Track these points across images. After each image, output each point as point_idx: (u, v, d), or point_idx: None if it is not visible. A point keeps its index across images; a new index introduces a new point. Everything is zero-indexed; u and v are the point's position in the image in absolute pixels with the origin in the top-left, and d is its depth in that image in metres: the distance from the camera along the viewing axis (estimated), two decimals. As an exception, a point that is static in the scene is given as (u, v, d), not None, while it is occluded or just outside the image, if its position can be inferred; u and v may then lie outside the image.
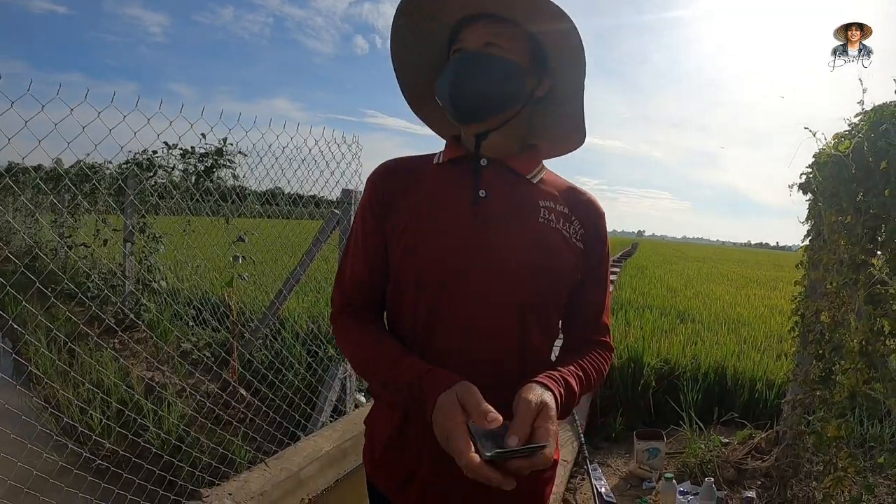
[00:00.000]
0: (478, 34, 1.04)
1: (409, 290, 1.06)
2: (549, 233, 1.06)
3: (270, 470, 2.99)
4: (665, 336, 5.21)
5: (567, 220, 1.09)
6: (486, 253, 1.02)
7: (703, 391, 4.08)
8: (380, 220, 1.10)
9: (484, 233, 1.03)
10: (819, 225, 2.89)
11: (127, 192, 5.09)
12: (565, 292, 1.09)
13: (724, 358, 4.49)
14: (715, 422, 3.63)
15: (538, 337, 1.07)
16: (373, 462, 1.16)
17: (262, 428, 3.35)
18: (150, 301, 5.22)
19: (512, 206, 1.06)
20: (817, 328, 2.80)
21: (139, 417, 3.12)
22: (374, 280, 1.13)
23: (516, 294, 1.02)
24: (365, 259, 1.12)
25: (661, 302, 7.70)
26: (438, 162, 1.14)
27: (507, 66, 1.03)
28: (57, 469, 2.69)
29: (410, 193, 1.09)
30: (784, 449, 2.87)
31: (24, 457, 2.51)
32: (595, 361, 1.11)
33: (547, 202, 1.09)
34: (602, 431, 3.95)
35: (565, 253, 1.07)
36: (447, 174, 1.11)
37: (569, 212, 1.11)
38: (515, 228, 1.04)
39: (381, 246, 1.10)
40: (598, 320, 1.17)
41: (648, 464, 3.15)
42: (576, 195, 1.14)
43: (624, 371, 4.37)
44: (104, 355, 4.02)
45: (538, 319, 1.06)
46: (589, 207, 1.14)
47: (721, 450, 3.17)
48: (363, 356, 1.07)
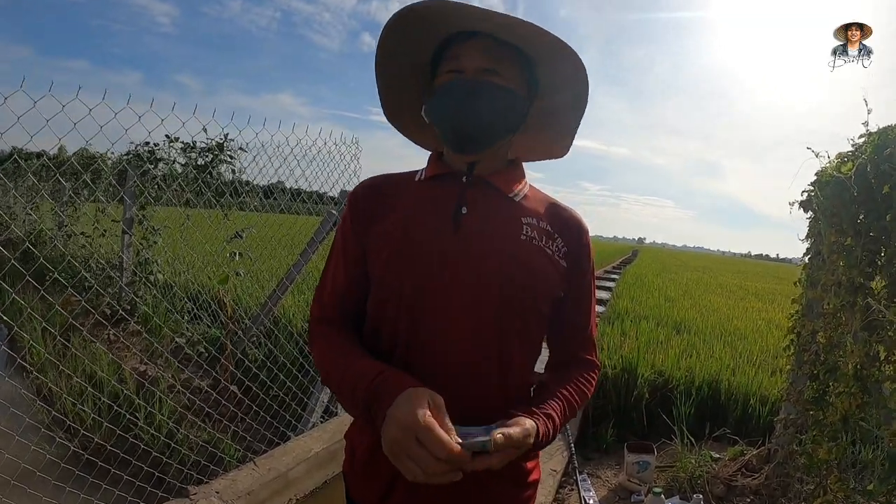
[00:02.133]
0: (476, 57, 1.02)
1: (389, 306, 1.05)
2: (531, 250, 1.05)
3: (259, 469, 2.98)
4: (660, 347, 5.19)
5: (550, 238, 1.08)
6: (467, 270, 1.01)
7: (696, 405, 4.06)
8: (360, 235, 1.09)
9: (465, 249, 1.02)
10: (818, 244, 2.87)
11: (126, 182, 5.09)
12: (547, 309, 1.09)
13: (719, 371, 4.47)
14: (707, 436, 3.61)
15: (519, 353, 1.07)
16: (352, 476, 1.15)
17: (253, 427, 3.34)
18: (145, 294, 5.21)
19: (494, 224, 1.05)
20: (813, 348, 2.79)
21: (129, 413, 3.11)
22: (353, 293, 1.12)
23: (497, 311, 1.01)
24: (345, 273, 1.12)
25: (657, 312, 7.67)
26: (421, 179, 1.13)
27: (510, 98, 1.02)
28: (45, 462, 2.68)
29: (392, 210, 1.08)
30: (775, 467, 2.86)
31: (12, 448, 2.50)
32: (580, 386, 1.12)
33: (530, 219, 1.08)
34: (593, 442, 3.93)
35: (548, 270, 1.06)
36: (430, 191, 1.10)
37: (552, 229, 1.10)
38: (497, 245, 1.03)
39: (362, 260, 1.09)
40: (584, 336, 1.18)
41: (638, 477, 3.14)
42: (559, 212, 1.13)
43: (618, 382, 4.35)
44: (97, 348, 4.01)
45: (519, 336, 1.05)
46: (572, 224, 1.13)
47: (712, 465, 3.16)
48: (329, 365, 1.05)
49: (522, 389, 1.09)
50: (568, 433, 3.64)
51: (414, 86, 1.15)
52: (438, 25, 1.03)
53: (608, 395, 4.34)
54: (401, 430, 0.80)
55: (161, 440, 3.05)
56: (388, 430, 0.82)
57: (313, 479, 3.12)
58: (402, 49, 1.09)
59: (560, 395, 1.05)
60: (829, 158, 2.74)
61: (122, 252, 5.56)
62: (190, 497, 2.65)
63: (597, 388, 4.07)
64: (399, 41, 1.07)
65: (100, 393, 3.43)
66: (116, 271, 5.66)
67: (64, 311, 3.62)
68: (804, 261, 3.04)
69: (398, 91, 1.17)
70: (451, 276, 1.01)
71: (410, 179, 1.14)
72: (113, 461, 2.77)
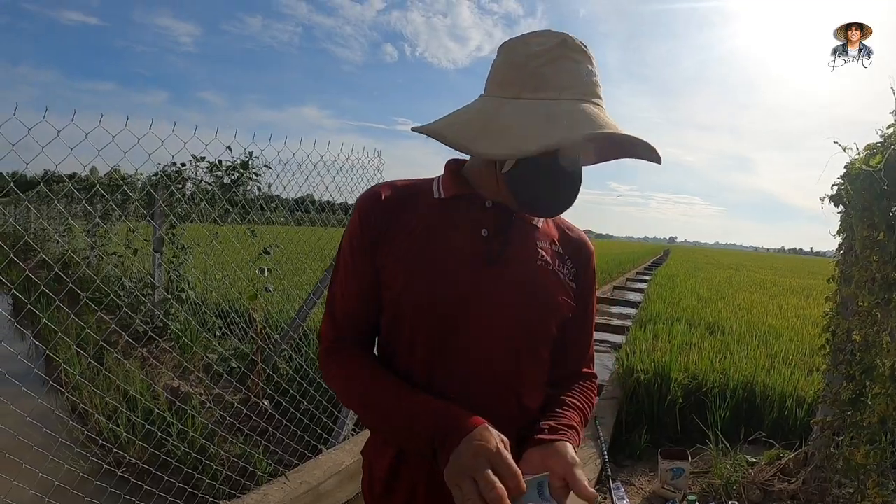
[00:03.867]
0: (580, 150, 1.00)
1: (405, 327, 1.03)
2: (546, 275, 1.06)
3: (290, 483, 2.99)
4: (694, 350, 5.11)
5: (561, 260, 1.10)
6: (486, 296, 1.00)
7: (730, 408, 3.98)
8: (370, 252, 1.05)
9: (485, 274, 1.01)
10: (851, 239, 2.80)
11: (154, 203, 5.19)
12: (557, 330, 1.08)
13: (754, 373, 4.37)
14: (742, 440, 3.53)
15: (532, 373, 1.07)
16: (370, 496, 1.13)
17: (283, 441, 3.36)
18: (177, 312, 5.29)
19: (513, 248, 1.04)
20: (848, 347, 2.71)
21: (160, 431, 3.14)
22: (366, 313, 1.10)
23: (514, 336, 1.02)
24: (358, 291, 1.08)
25: (690, 313, 7.55)
26: (440, 196, 1.09)
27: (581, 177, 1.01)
28: (79, 479, 2.72)
29: (406, 226, 1.05)
30: (812, 471, 2.78)
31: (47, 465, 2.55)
32: (587, 396, 1.14)
33: (544, 243, 1.09)
34: (627, 448, 3.87)
35: (560, 293, 1.07)
36: (449, 211, 1.07)
37: (562, 251, 1.12)
38: (516, 271, 1.03)
39: (374, 278, 1.06)
40: (586, 354, 1.20)
41: (672, 484, 3.08)
42: (568, 235, 1.16)
43: (650, 387, 4.29)
44: (129, 365, 4.08)
45: (533, 358, 1.06)
46: (580, 247, 1.15)
47: (747, 470, 3.08)
48: (358, 389, 1.03)
49: (535, 409, 1.09)
50: (601, 440, 3.59)
51: None
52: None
53: (641, 401, 4.28)
54: (476, 455, 0.80)
55: (193, 456, 3.08)
56: (462, 455, 0.81)
57: (345, 492, 3.14)
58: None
59: (574, 405, 1.07)
60: (858, 150, 2.67)
61: (154, 270, 5.66)
62: (221, 513, 2.69)
63: (630, 392, 3.99)
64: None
65: (133, 410, 3.50)
66: (148, 289, 5.77)
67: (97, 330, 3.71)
68: (837, 256, 2.97)
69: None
70: (470, 302, 1.00)
71: (426, 193, 1.10)
72: (146, 477, 2.81)
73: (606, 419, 4.12)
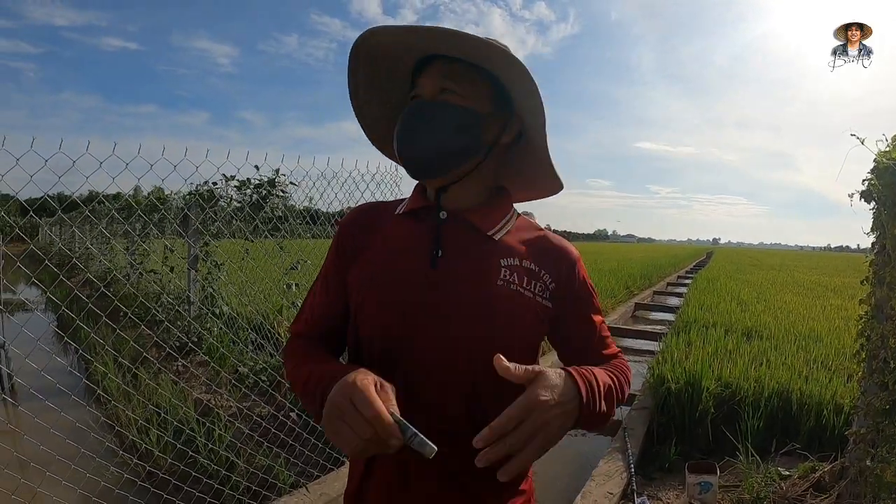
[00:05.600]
0: (433, 79, 0.97)
1: (363, 350, 1.02)
2: (507, 297, 0.97)
3: (310, 494, 3.03)
4: (728, 356, 4.95)
5: (533, 277, 1.01)
6: (435, 321, 0.95)
7: (764, 418, 3.84)
8: (342, 269, 1.06)
9: (434, 299, 0.96)
10: (883, 238, 2.68)
11: (189, 222, 5.31)
12: (525, 356, 0.96)
13: (790, 379, 4.21)
14: (775, 452, 3.41)
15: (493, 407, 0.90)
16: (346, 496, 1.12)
17: (305, 454, 3.39)
18: (212, 326, 5.39)
19: (468, 269, 0.98)
20: (882, 354, 2.59)
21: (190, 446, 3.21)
22: (332, 319, 1.10)
23: (466, 368, 0.95)
24: (327, 300, 1.10)
25: (727, 318, 7.36)
26: (400, 212, 1.07)
27: (459, 115, 0.95)
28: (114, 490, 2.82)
29: (370, 245, 1.04)
30: (847, 485, 2.65)
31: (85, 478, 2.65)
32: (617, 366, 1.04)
33: (510, 260, 1.00)
34: (657, 461, 3.76)
35: (526, 316, 0.98)
36: (406, 227, 1.04)
37: (536, 267, 1.02)
38: (470, 295, 0.96)
39: (343, 292, 1.06)
40: (598, 338, 1.09)
41: (700, 498, 2.98)
42: (545, 245, 1.06)
43: (681, 396, 4.17)
44: (163, 379, 4.17)
45: (493, 391, 0.93)
46: (559, 256, 1.06)
47: (779, 484, 2.95)
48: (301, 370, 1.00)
49: None
50: (629, 453, 3.53)
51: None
52: (392, 60, 1.02)
53: (672, 411, 4.17)
54: (339, 394, 0.79)
55: (217, 469, 3.12)
56: (330, 399, 0.80)
57: (364, 505, 3.14)
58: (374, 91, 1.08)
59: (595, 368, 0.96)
60: (888, 142, 2.57)
61: (189, 287, 5.79)
62: (240, 521, 2.73)
63: (661, 403, 3.90)
64: (368, 84, 1.07)
65: (164, 424, 3.59)
66: (184, 305, 5.90)
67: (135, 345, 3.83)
68: (870, 256, 2.85)
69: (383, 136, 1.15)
70: (418, 328, 0.96)
71: (392, 210, 1.09)
72: (175, 490, 2.88)
73: (636, 430, 4.04)
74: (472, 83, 0.97)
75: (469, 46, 0.93)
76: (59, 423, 2.71)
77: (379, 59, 1.02)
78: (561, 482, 3.88)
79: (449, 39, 0.93)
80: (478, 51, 0.93)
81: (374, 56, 1.02)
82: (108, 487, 2.83)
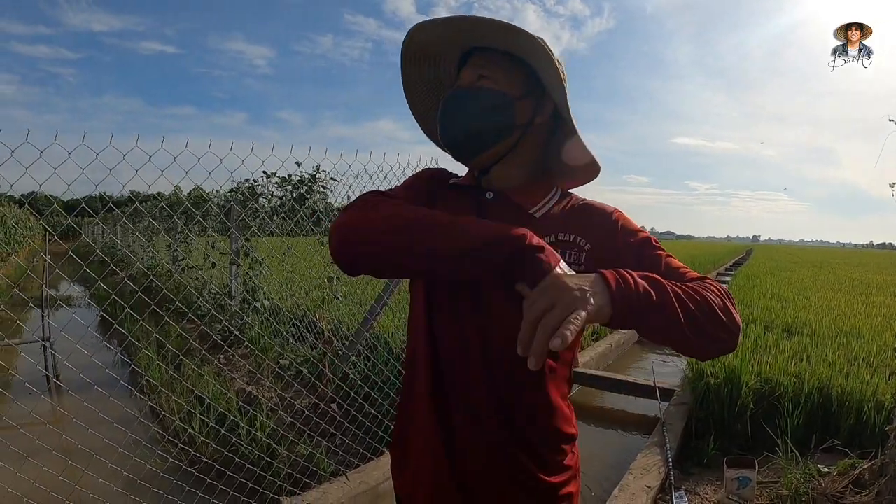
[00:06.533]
0: (471, 69, 1.06)
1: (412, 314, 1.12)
2: None
3: (350, 483, 3.10)
4: (769, 353, 4.92)
5: (567, 247, 1.03)
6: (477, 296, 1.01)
7: (804, 414, 3.81)
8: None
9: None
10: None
11: (231, 218, 5.45)
12: None
13: (831, 376, 4.17)
14: (814, 448, 3.39)
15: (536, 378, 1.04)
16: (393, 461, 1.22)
17: (346, 443, 3.48)
18: (254, 320, 5.52)
19: None
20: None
21: (233, 431, 3.32)
22: None
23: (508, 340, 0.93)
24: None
25: (767, 315, 7.27)
26: (454, 182, 1.15)
27: (490, 98, 1.02)
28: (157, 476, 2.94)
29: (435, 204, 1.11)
30: (887, 482, 2.63)
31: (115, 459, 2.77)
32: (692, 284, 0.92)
33: (549, 238, 1.02)
34: (695, 456, 3.77)
35: None
36: (454, 202, 1.10)
37: (571, 236, 1.04)
38: None
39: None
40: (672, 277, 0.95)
41: (738, 494, 2.99)
42: (582, 211, 1.08)
43: (720, 391, 4.16)
44: (205, 371, 4.31)
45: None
46: (594, 217, 1.07)
47: (818, 481, 2.94)
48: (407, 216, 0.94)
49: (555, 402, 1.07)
50: (667, 447, 3.54)
51: None
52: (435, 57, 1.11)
53: (711, 406, 4.16)
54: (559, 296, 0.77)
55: (259, 456, 3.22)
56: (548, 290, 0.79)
57: (404, 494, 3.21)
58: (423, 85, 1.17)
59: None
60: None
61: (231, 281, 5.94)
62: (281, 507, 2.82)
63: (700, 398, 3.89)
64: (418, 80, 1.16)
65: (208, 413, 3.73)
66: (227, 299, 6.06)
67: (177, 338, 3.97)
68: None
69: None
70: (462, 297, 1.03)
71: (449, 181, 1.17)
72: (218, 476, 2.99)
73: (675, 425, 4.05)
74: (504, 69, 1.04)
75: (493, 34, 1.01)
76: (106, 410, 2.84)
77: (424, 57, 1.11)
78: (599, 475, 3.92)
79: (475, 28, 1.01)
80: (502, 36, 1.01)
81: (420, 55, 1.11)
82: (154, 472, 2.97)
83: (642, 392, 5.23)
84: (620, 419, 5.23)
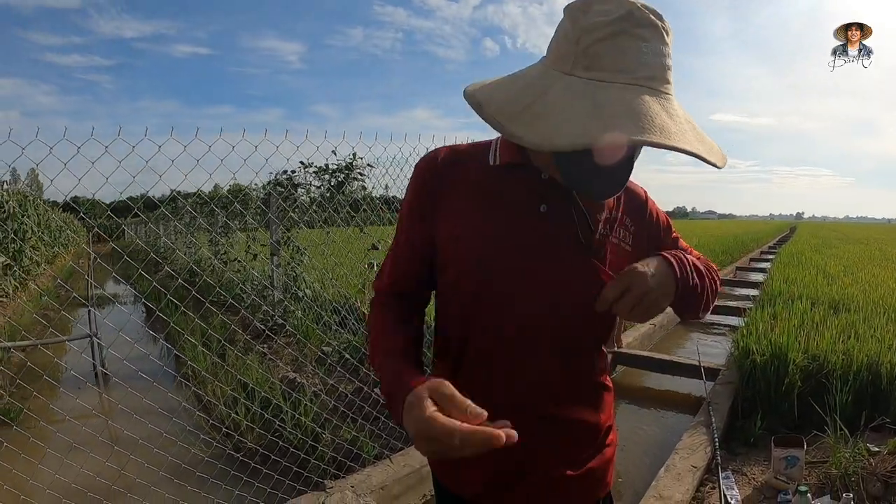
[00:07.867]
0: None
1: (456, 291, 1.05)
2: (603, 247, 1.02)
3: (394, 465, 3.14)
4: (815, 329, 4.81)
5: (619, 224, 1.05)
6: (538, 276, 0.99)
7: (853, 391, 3.72)
8: (426, 217, 1.05)
9: (540, 253, 0.99)
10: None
11: (271, 209, 5.53)
12: None
13: (880, 353, 4.05)
14: (863, 427, 3.30)
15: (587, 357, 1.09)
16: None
17: (389, 426, 3.54)
18: (296, 308, 5.61)
19: (571, 225, 1.00)
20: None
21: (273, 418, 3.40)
22: (415, 273, 1.11)
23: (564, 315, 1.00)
24: (410, 254, 1.10)
25: (813, 291, 7.09)
26: (496, 164, 1.04)
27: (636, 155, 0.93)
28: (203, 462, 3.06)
29: (460, 192, 1.03)
30: (941, 460, 2.57)
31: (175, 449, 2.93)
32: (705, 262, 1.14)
33: (602, 213, 1.03)
34: (741, 436, 3.71)
35: (616, 263, 1.02)
36: (504, 180, 1.02)
37: (620, 213, 1.06)
38: (572, 251, 0.99)
39: (426, 240, 1.06)
40: None
41: (786, 473, 2.94)
42: (626, 191, 1.09)
43: (766, 369, 4.09)
44: (250, 359, 4.40)
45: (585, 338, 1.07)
46: (634, 197, 1.11)
47: (868, 460, 2.86)
48: (371, 346, 1.06)
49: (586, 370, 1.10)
50: (713, 427, 3.51)
51: None
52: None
53: (757, 385, 4.10)
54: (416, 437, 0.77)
55: (304, 440, 3.29)
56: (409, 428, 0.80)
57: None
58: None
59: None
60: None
61: (272, 271, 6.04)
62: (326, 490, 2.88)
63: (746, 376, 3.83)
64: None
65: (252, 399, 3.83)
66: (268, 289, 6.17)
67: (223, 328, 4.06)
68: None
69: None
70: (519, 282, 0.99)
71: (482, 158, 1.06)
72: (263, 460, 3.09)
73: (721, 405, 4.00)
74: None
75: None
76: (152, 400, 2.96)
77: None
78: (646, 456, 3.91)
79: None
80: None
81: None
82: (198, 458, 3.09)
83: (687, 372, 5.18)
84: (665, 399, 5.20)
